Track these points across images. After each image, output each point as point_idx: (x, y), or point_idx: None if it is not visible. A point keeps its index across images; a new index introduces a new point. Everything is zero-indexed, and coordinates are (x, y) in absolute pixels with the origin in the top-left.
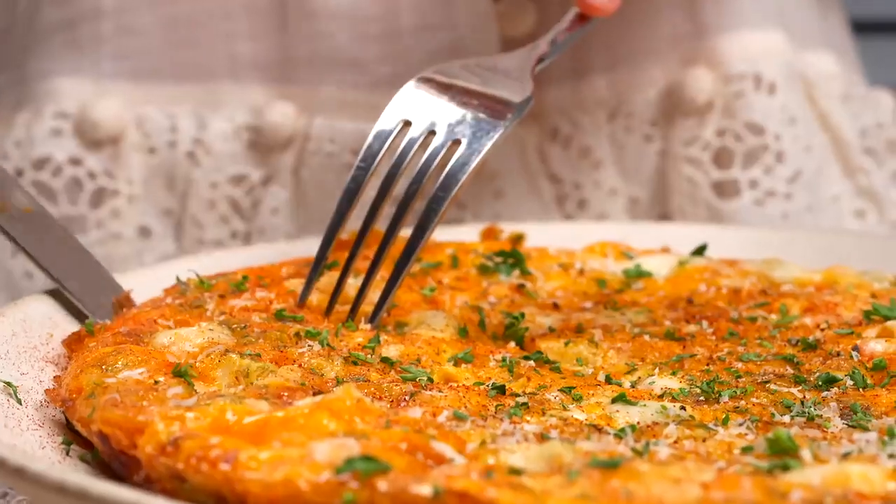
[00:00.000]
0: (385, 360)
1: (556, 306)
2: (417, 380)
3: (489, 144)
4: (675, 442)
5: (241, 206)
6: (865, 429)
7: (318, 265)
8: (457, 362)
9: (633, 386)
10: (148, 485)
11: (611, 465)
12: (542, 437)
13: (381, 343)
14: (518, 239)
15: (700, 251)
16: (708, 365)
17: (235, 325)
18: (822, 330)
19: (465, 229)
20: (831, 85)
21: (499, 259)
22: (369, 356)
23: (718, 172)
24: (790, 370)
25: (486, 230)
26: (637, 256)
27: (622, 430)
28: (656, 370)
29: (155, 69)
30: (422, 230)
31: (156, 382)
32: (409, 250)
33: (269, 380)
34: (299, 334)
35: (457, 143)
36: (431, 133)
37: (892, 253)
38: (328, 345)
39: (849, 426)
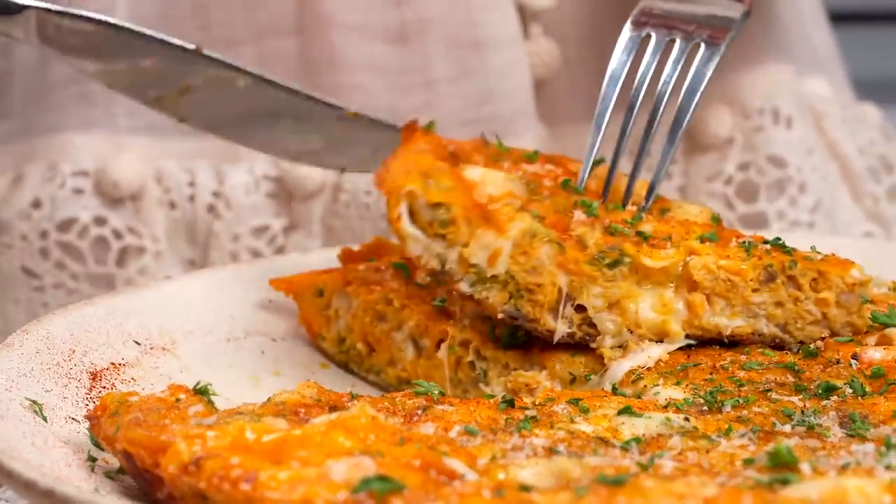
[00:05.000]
0: (640, 233)
1: None
2: (429, 393)
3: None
4: (680, 454)
5: (263, 255)
6: (864, 438)
7: (591, 153)
8: (702, 240)
9: (638, 396)
10: (171, 501)
11: (617, 483)
12: (551, 451)
13: (642, 220)
14: None
15: None
16: (711, 374)
17: (530, 183)
18: (823, 338)
19: None
20: (832, 111)
21: None
22: (627, 229)
23: (745, 206)
24: (791, 378)
25: None
26: None
27: (628, 442)
28: (661, 380)
29: (170, 124)
30: (679, 122)
31: (177, 400)
32: (672, 134)
33: (285, 397)
34: (576, 203)
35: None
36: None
37: (890, 257)
38: (594, 214)
39: (848, 435)
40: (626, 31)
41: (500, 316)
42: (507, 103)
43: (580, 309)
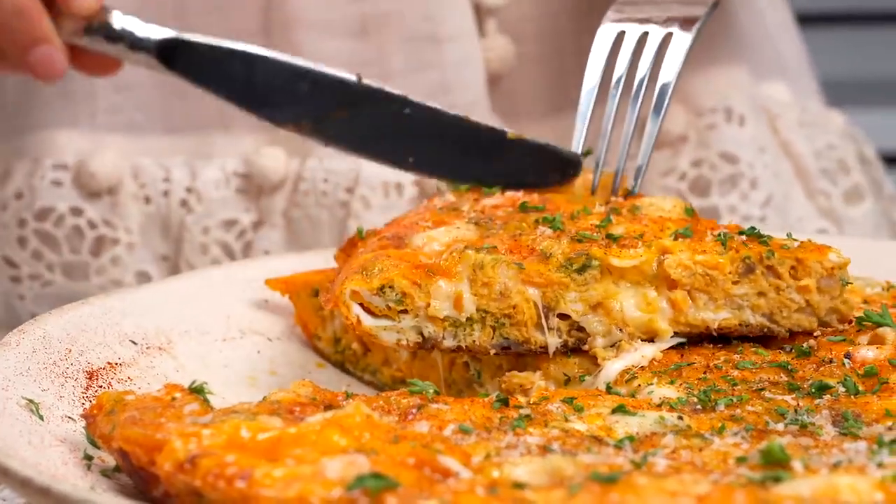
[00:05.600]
0: (609, 236)
1: None
2: (424, 392)
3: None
4: (673, 452)
5: (233, 249)
6: (856, 436)
7: (577, 148)
8: (676, 236)
9: (632, 395)
10: (167, 499)
11: (610, 480)
12: (545, 450)
13: (612, 222)
14: None
15: None
16: (705, 373)
17: (481, 221)
18: (816, 337)
19: None
20: (788, 114)
21: None
22: (595, 234)
23: (698, 200)
24: (784, 377)
25: None
26: None
27: (621, 441)
28: (654, 379)
29: (148, 122)
30: (659, 106)
31: (173, 399)
32: (655, 117)
33: (280, 396)
34: (538, 220)
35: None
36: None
37: (880, 256)
38: (559, 228)
39: (840, 434)
40: (602, 29)
41: (493, 352)
42: (462, 95)
43: (564, 317)
